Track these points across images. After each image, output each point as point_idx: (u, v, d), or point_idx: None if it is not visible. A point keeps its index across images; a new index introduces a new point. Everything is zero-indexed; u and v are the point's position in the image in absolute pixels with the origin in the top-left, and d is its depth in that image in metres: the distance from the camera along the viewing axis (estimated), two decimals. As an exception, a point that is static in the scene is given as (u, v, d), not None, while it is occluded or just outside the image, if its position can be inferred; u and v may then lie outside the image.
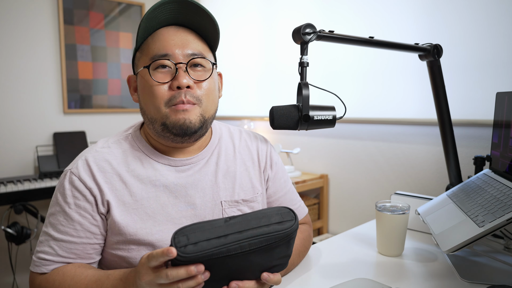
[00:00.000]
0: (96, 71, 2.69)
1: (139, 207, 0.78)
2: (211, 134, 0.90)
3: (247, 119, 2.49)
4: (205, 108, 0.79)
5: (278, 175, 0.96)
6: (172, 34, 0.78)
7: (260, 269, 0.63)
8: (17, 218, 2.31)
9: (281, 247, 0.61)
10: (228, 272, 0.60)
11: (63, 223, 0.75)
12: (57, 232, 0.75)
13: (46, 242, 0.76)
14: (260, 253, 0.59)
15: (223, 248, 0.56)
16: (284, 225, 0.60)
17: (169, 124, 0.76)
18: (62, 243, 0.75)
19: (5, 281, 2.38)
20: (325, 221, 2.10)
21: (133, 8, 2.85)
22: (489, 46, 1.40)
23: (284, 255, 0.64)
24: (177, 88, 0.75)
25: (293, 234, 0.62)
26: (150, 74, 0.76)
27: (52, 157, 2.43)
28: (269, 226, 0.59)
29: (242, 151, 0.92)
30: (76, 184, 0.76)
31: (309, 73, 1.93)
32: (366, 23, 1.81)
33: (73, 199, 0.76)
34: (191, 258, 0.55)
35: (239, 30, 2.57)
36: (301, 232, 0.93)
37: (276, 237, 0.59)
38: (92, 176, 0.77)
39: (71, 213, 0.75)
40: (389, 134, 1.78)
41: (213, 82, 0.82)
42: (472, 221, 0.81)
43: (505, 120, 0.99)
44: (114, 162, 0.79)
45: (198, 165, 0.85)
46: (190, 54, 0.77)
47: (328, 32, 0.91)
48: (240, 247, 0.57)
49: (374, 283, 0.80)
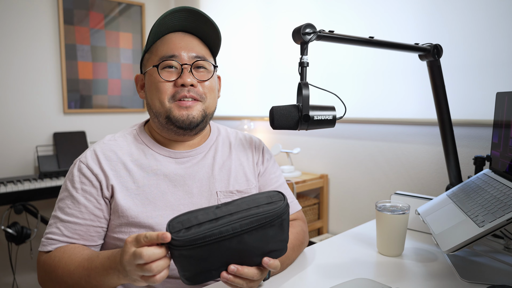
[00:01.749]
0: (96, 71, 2.69)
1: (141, 193, 0.85)
2: (210, 132, 1.00)
3: (247, 119, 2.49)
4: (207, 105, 0.89)
5: (269, 170, 1.02)
6: (179, 38, 0.88)
7: (258, 254, 0.63)
8: (17, 218, 2.31)
9: (274, 228, 0.63)
10: (226, 258, 0.61)
11: (70, 206, 0.83)
12: (64, 214, 0.82)
13: (54, 224, 0.83)
14: (254, 235, 0.61)
15: (215, 230, 0.58)
16: (273, 205, 0.63)
17: (172, 117, 0.85)
18: (68, 224, 0.82)
19: (5, 281, 2.38)
20: (325, 221, 2.10)
21: (133, 8, 2.85)
22: (489, 46, 1.40)
23: (280, 239, 0.65)
24: (181, 86, 0.85)
25: (284, 215, 0.64)
26: (159, 73, 0.85)
27: (52, 157, 2.43)
28: (259, 207, 0.62)
29: (237, 148, 1.00)
30: (84, 171, 0.84)
31: (309, 73, 1.93)
32: (366, 23, 1.81)
33: (80, 184, 0.83)
34: (185, 241, 0.57)
35: (239, 30, 2.57)
36: (294, 227, 0.94)
37: (266, 216, 0.61)
38: (99, 164, 0.85)
39: (78, 197, 0.83)
40: (389, 134, 1.78)
41: (214, 82, 0.92)
42: (472, 221, 0.81)
43: (505, 120, 0.99)
44: (119, 152, 0.87)
45: (196, 158, 0.93)
46: (195, 57, 0.87)
47: (328, 32, 0.91)
48: (231, 228, 0.59)
49: (374, 283, 0.80)
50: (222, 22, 2.68)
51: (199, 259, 0.59)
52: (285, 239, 0.66)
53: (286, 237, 0.66)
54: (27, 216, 2.34)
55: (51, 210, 2.50)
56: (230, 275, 0.61)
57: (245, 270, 0.62)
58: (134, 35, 2.87)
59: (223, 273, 0.61)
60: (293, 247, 0.89)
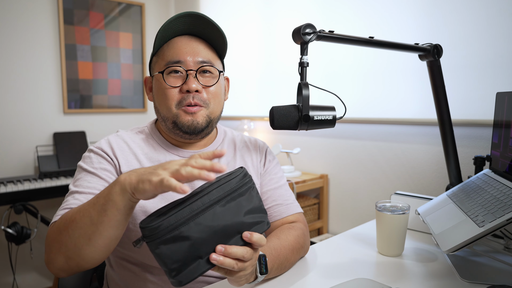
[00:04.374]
0: (96, 71, 2.69)
1: None
2: (217, 134, 1.02)
3: (247, 119, 2.49)
4: (211, 110, 0.91)
5: (269, 171, 1.03)
6: (185, 43, 0.89)
7: (240, 231, 0.64)
8: (17, 218, 2.31)
9: (244, 198, 0.65)
10: (210, 241, 0.60)
11: (91, 181, 0.82)
12: (82, 188, 0.81)
13: (71, 197, 0.80)
14: (226, 207, 0.62)
15: (185, 208, 0.59)
16: (233, 175, 0.66)
17: (178, 123, 0.88)
18: (87, 195, 0.79)
19: (5, 281, 2.38)
20: (325, 221, 2.10)
21: (133, 8, 2.85)
22: (489, 46, 1.40)
23: (255, 209, 0.66)
24: (186, 92, 0.86)
25: (247, 182, 0.66)
26: (164, 79, 0.87)
27: (52, 157, 2.43)
28: (221, 180, 0.65)
29: (242, 150, 1.02)
30: (100, 153, 0.87)
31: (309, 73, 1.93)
32: (366, 23, 1.81)
33: (99, 164, 0.85)
34: (160, 228, 0.57)
35: (239, 30, 2.57)
36: (295, 229, 0.93)
37: (229, 183, 0.64)
38: (112, 151, 0.88)
39: (97, 172, 0.84)
40: (389, 134, 1.78)
41: (220, 87, 0.94)
42: (472, 221, 0.81)
43: (505, 120, 0.99)
44: (132, 145, 0.91)
45: None
46: (200, 62, 0.88)
47: (328, 32, 0.91)
48: (201, 202, 0.60)
49: (374, 283, 0.80)
50: (222, 22, 2.68)
51: (181, 246, 0.58)
52: (261, 209, 0.68)
53: (258, 205, 0.67)
54: (27, 216, 2.34)
55: (51, 210, 2.50)
56: (220, 256, 0.60)
57: (233, 249, 0.61)
58: (134, 35, 2.87)
59: (212, 254, 0.60)
60: (293, 249, 0.88)
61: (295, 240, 0.90)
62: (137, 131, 0.96)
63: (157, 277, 0.88)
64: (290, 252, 0.87)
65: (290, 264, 0.89)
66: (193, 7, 2.94)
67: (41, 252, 2.49)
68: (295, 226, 0.95)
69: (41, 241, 2.49)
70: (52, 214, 2.47)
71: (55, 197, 2.22)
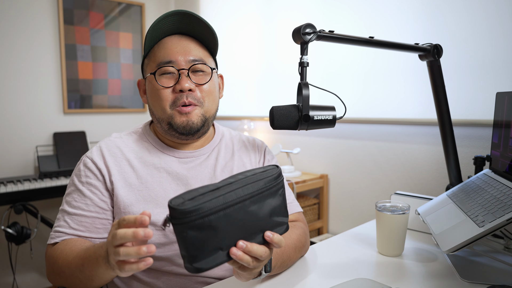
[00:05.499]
0: (96, 71, 2.69)
1: (144, 189, 0.87)
2: (214, 134, 1.01)
3: (247, 119, 2.49)
4: (206, 109, 0.89)
5: None
6: (175, 42, 0.88)
7: (262, 230, 0.63)
8: (17, 218, 2.31)
9: (272, 197, 0.63)
10: (233, 234, 0.59)
11: (77, 199, 0.85)
12: (71, 207, 0.85)
13: (62, 217, 0.85)
14: (256, 205, 0.61)
15: (220, 198, 0.57)
16: (268, 173, 0.64)
17: (174, 124, 0.87)
18: (74, 216, 0.84)
19: (5, 281, 2.38)
20: (325, 221, 2.10)
21: (133, 8, 2.85)
22: (489, 46, 1.40)
23: (280, 210, 0.65)
24: (180, 91, 0.85)
25: (280, 182, 0.65)
26: (156, 80, 0.87)
27: (52, 157, 2.43)
28: (256, 175, 0.63)
29: (240, 150, 1.01)
30: (89, 166, 0.87)
31: (309, 73, 1.93)
32: (366, 23, 1.81)
33: (85, 178, 0.87)
34: (194, 213, 0.54)
35: (239, 30, 2.57)
36: (297, 228, 0.94)
37: (263, 181, 0.62)
38: (103, 159, 0.88)
39: (84, 190, 0.86)
40: (389, 134, 1.78)
41: (213, 84, 0.92)
42: (472, 221, 0.81)
43: (505, 120, 0.99)
44: (124, 149, 0.90)
45: (199, 159, 0.94)
46: (192, 60, 0.87)
47: (328, 32, 0.91)
48: (235, 194, 0.58)
49: (374, 283, 0.80)
50: (222, 22, 2.68)
51: (207, 235, 0.56)
52: (285, 211, 0.67)
53: (285, 208, 0.67)
54: (27, 216, 2.34)
55: (51, 210, 2.50)
56: (240, 251, 0.59)
57: (254, 247, 0.60)
58: (134, 35, 2.87)
59: (232, 248, 0.59)
60: (295, 247, 0.89)
61: (298, 239, 0.91)
62: (133, 132, 0.96)
63: (156, 279, 0.88)
64: (292, 251, 0.88)
65: (292, 262, 0.90)
66: (193, 7, 2.94)
67: (41, 252, 2.49)
68: (297, 225, 0.96)
69: (41, 241, 2.49)
70: (52, 214, 2.47)
71: (55, 197, 2.22)
